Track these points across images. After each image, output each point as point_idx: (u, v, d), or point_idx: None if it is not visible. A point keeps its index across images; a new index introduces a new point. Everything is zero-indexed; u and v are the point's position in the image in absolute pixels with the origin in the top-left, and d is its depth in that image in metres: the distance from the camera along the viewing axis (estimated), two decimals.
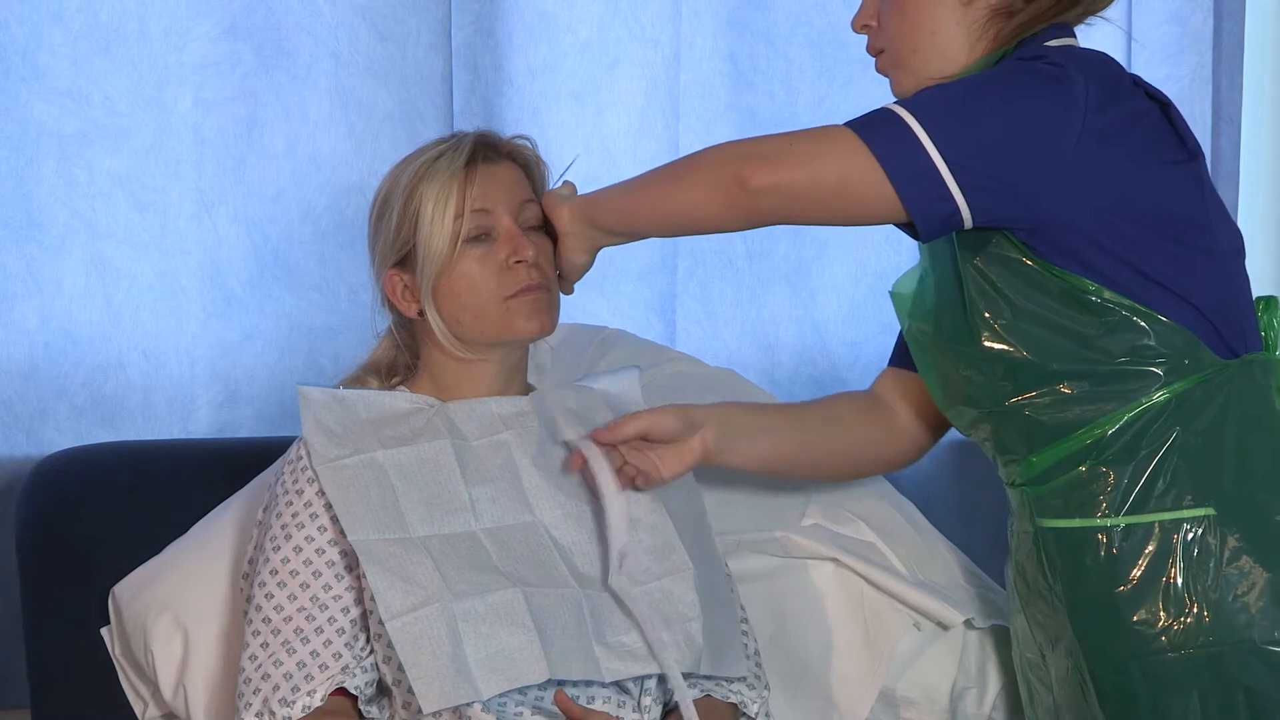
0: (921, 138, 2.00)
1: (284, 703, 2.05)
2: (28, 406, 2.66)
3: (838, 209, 2.06)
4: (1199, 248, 2.09)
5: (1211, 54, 3.13)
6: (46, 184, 2.63)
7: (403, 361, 2.28)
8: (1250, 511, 2.07)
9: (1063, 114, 2.01)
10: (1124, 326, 2.06)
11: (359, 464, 2.12)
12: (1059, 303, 2.07)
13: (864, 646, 2.38)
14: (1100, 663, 2.11)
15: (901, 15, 2.15)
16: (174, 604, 2.30)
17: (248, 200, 2.71)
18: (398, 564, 2.05)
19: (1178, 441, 2.07)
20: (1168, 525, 2.07)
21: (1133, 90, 2.09)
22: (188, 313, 2.70)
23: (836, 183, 2.03)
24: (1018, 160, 2.02)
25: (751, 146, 2.08)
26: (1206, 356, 2.08)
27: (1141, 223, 2.06)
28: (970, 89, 2.05)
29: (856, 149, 2.02)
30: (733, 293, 2.97)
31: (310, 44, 2.72)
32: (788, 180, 2.04)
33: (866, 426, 2.34)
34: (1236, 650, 2.05)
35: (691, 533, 2.23)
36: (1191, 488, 2.07)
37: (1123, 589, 2.08)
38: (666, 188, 2.13)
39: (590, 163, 2.86)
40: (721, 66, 2.93)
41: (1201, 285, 2.09)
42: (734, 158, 2.06)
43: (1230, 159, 3.14)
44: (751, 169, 2.04)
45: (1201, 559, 2.06)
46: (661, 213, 2.15)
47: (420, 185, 2.16)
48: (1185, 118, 3.09)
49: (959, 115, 2.02)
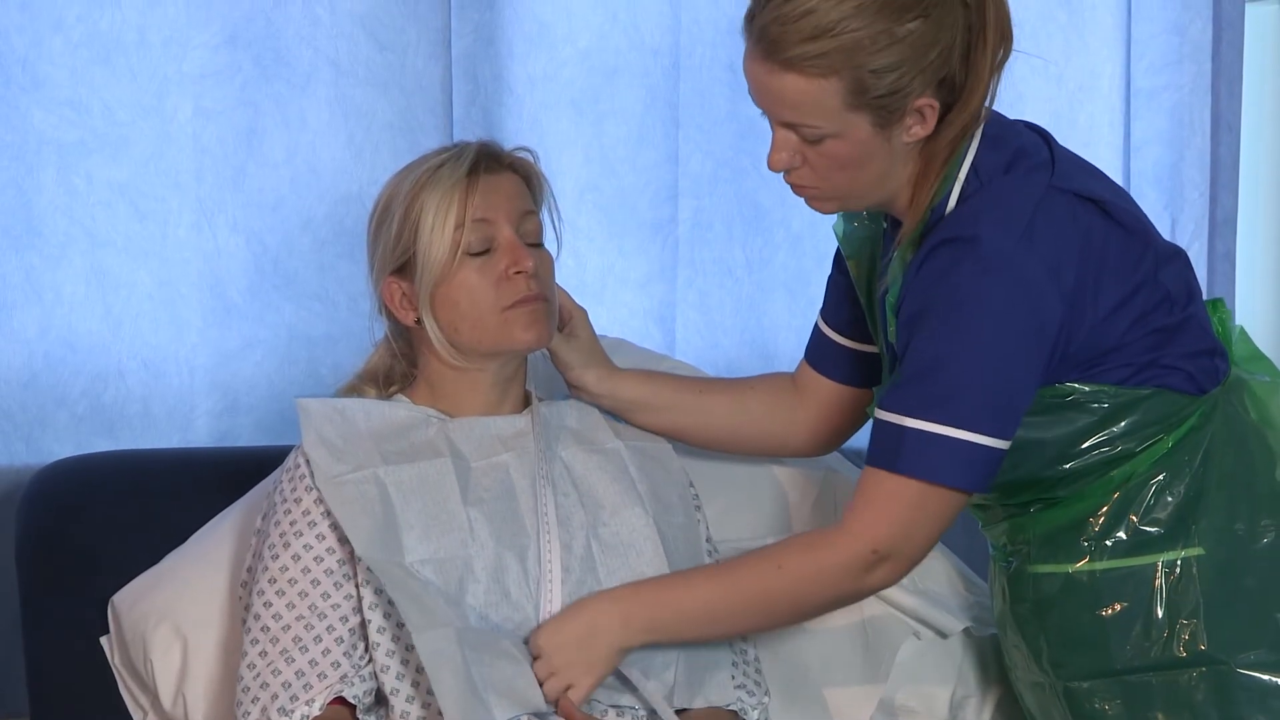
0: (953, 434, 2.00)
1: (283, 712, 2.05)
2: (27, 415, 2.65)
3: (938, 531, 2.07)
4: (1170, 315, 2.09)
5: (1211, 63, 3.13)
6: (46, 193, 2.63)
7: (399, 370, 2.28)
8: (1230, 540, 2.10)
9: (1040, 320, 2.00)
10: (1113, 411, 2.09)
11: (361, 479, 2.12)
12: (1043, 415, 2.08)
13: (863, 655, 2.38)
14: (1076, 683, 2.14)
15: (834, 162, 2.04)
16: (173, 613, 2.30)
17: (247, 209, 2.71)
18: (407, 587, 2.05)
19: (1163, 493, 2.11)
20: (1151, 565, 2.10)
21: (1067, 210, 2.04)
22: (187, 322, 2.70)
23: (928, 536, 2.06)
24: (1030, 377, 2.02)
25: (840, 560, 2.06)
26: (1185, 408, 2.10)
27: (1119, 330, 2.07)
28: (951, 363, 2.00)
29: (923, 494, 2.02)
30: (732, 302, 2.97)
31: (310, 53, 2.72)
32: (902, 572, 2.08)
33: (770, 420, 2.37)
34: (1213, 673, 2.07)
35: (684, 556, 2.24)
36: (1175, 530, 2.10)
37: (1102, 613, 2.11)
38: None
39: (590, 171, 2.86)
40: (721, 75, 2.93)
41: (1174, 345, 2.10)
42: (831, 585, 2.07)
43: (1229, 168, 3.14)
44: (869, 585, 2.07)
45: (1182, 586, 2.08)
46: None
47: (422, 193, 2.16)
48: (1184, 125, 3.12)
49: (960, 393, 2.00)
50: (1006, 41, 2.02)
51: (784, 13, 1.96)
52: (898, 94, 1.97)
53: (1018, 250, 1.99)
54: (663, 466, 2.32)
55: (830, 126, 2.00)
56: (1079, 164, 2.11)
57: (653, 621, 2.09)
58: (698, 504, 2.34)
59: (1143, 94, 3.10)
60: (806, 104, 1.99)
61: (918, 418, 1.99)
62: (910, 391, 2.01)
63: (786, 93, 1.99)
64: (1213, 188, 3.14)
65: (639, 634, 2.09)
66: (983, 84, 2.01)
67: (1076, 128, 3.07)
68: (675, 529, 2.24)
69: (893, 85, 1.97)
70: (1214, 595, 2.08)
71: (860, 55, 1.95)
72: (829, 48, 1.95)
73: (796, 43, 1.96)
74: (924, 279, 2.03)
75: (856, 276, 2.25)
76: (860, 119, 1.99)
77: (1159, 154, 3.12)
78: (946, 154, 2.05)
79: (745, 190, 2.96)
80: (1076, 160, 2.12)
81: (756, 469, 2.50)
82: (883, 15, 1.95)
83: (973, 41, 1.99)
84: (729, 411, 2.37)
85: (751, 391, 2.38)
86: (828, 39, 1.95)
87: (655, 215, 2.91)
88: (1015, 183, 2.04)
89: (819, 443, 2.40)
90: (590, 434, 2.29)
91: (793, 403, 2.37)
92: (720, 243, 2.96)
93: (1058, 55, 3.06)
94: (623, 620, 2.07)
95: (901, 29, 1.95)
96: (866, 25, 1.95)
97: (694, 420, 2.35)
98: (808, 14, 1.95)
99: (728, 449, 2.42)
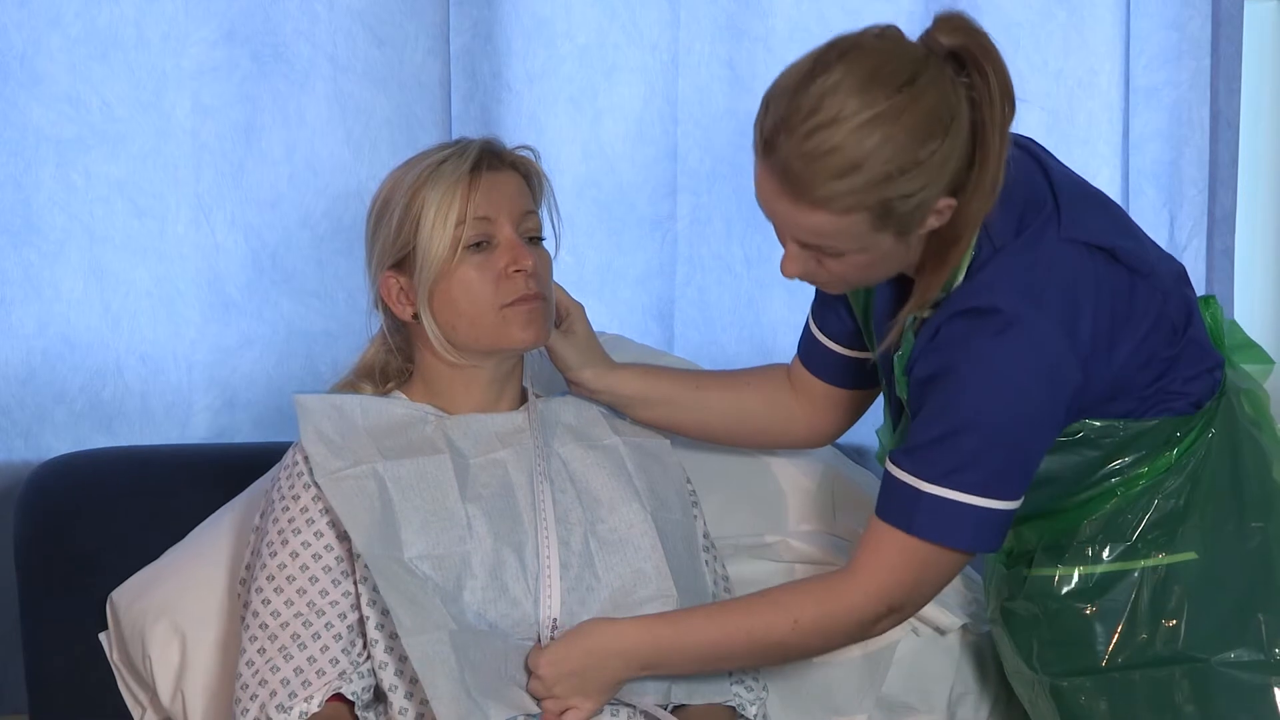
0: (970, 500, 2.01)
1: (281, 709, 2.05)
2: (25, 412, 2.65)
3: (945, 584, 2.11)
4: (1173, 346, 2.09)
5: (1210, 59, 3.13)
6: (44, 189, 2.63)
7: (395, 365, 2.28)
8: (1219, 541, 2.11)
9: (1058, 386, 2.00)
10: (1123, 443, 2.09)
11: (360, 475, 2.12)
12: (1054, 454, 2.07)
13: (861, 652, 2.38)
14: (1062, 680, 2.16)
15: (852, 267, 2.00)
16: (172, 609, 2.30)
17: (245, 205, 2.71)
18: (403, 585, 2.05)
19: (1158, 500, 2.12)
20: (1141, 568, 2.12)
21: (1079, 266, 2.02)
22: (185, 318, 2.70)
23: (936, 590, 2.09)
24: (1046, 441, 2.03)
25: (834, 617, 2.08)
26: (1187, 424, 2.11)
27: (1130, 372, 2.06)
28: (970, 432, 1.99)
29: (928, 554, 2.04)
30: (731, 298, 2.97)
31: (308, 49, 2.72)
32: (903, 620, 2.12)
33: (767, 415, 2.37)
34: (1194, 671, 2.09)
35: (682, 553, 2.24)
36: (1168, 534, 2.11)
37: (1089, 611, 2.12)
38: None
39: (588, 167, 2.86)
40: (720, 72, 2.92)
41: (1176, 372, 2.10)
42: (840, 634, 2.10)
43: (1228, 164, 3.13)
44: (873, 633, 2.10)
45: (1167, 585, 2.10)
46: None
47: (424, 189, 2.16)
48: (1183, 122, 3.12)
49: (978, 462, 2.00)
50: (1011, 104, 1.95)
51: (808, 149, 1.89)
52: (920, 208, 1.93)
53: (1037, 320, 1.97)
54: (660, 463, 2.32)
55: (853, 247, 1.97)
56: (1079, 194, 2.09)
57: (655, 660, 2.10)
58: (694, 500, 2.34)
59: (1141, 91, 3.10)
60: (832, 234, 1.95)
61: (935, 484, 2.00)
62: (927, 457, 2.01)
63: (812, 226, 1.95)
64: (1211, 184, 3.13)
65: (640, 670, 2.10)
66: (994, 162, 1.95)
67: (1075, 124, 3.07)
68: (673, 525, 2.24)
69: (917, 203, 1.92)
70: (1199, 595, 2.09)
71: (888, 187, 1.90)
72: (857, 184, 1.89)
73: (823, 181, 1.90)
74: (940, 346, 2.01)
75: (852, 293, 2.24)
76: (884, 236, 1.96)
77: (1158, 151, 3.12)
78: (969, 237, 2.01)
79: (744, 186, 2.92)
80: (1075, 188, 2.09)
81: (755, 464, 2.50)
82: (908, 144, 1.89)
83: (980, 121, 1.94)
84: (726, 406, 2.37)
85: (748, 387, 2.38)
86: (855, 175, 1.89)
87: (654, 211, 2.90)
88: (1028, 246, 2.01)
89: (816, 436, 2.40)
90: (588, 430, 2.29)
91: (789, 398, 2.37)
92: (719, 239, 2.95)
93: (1057, 52, 3.06)
94: (626, 659, 2.08)
95: (925, 153, 1.90)
96: (893, 157, 1.89)
97: (691, 415, 2.36)
98: (833, 150, 1.89)
99: (725, 442, 2.43)
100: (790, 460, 2.52)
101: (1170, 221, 3.13)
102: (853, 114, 1.88)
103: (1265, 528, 2.11)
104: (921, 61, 1.91)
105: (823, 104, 1.89)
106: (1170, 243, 3.11)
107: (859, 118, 1.88)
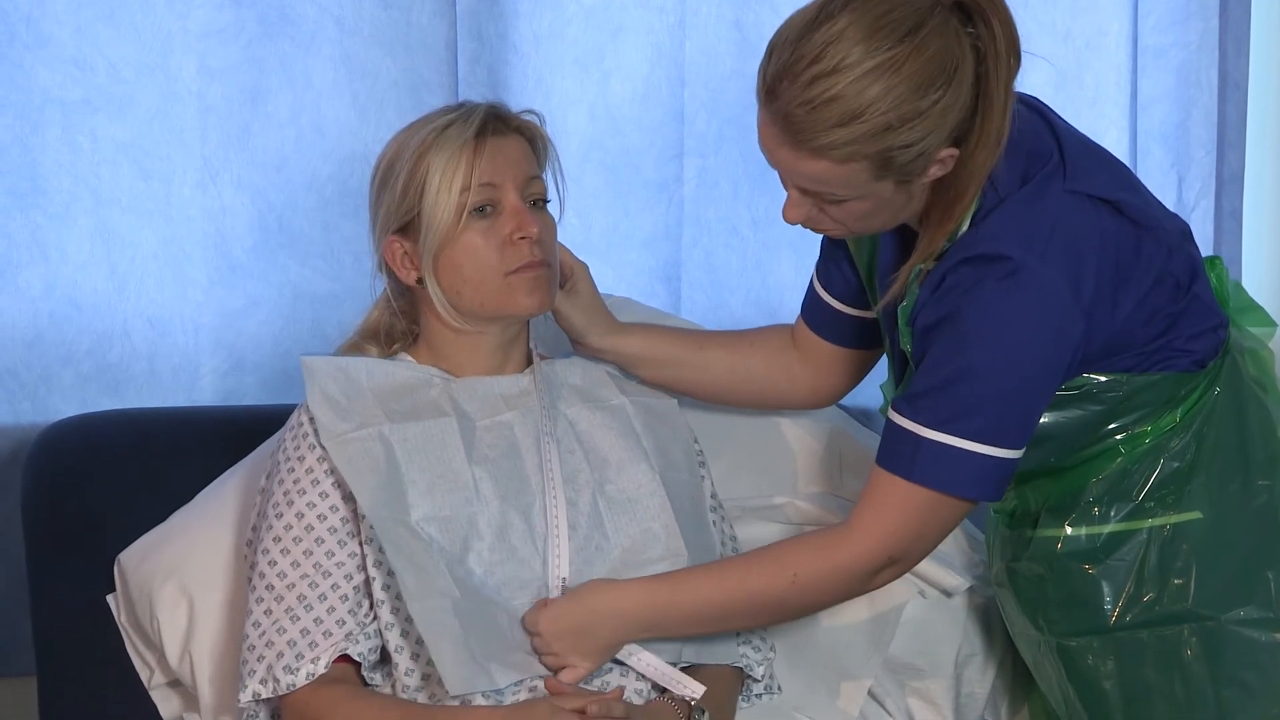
0: (971, 447, 2.01)
1: (288, 670, 2.06)
2: (32, 374, 2.66)
3: (946, 535, 2.11)
4: (1177, 302, 2.09)
5: (1218, 20, 3.11)
6: (51, 151, 2.63)
7: (400, 327, 2.28)
8: (1225, 501, 2.11)
9: (1062, 336, 2.00)
10: (1125, 397, 2.09)
11: (366, 437, 2.12)
12: (1057, 409, 2.08)
13: (868, 614, 2.38)
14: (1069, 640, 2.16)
15: (854, 214, 2.02)
16: (179, 571, 2.31)
17: (252, 168, 2.71)
18: (409, 549, 2.05)
19: (1163, 460, 2.12)
20: (1147, 527, 2.12)
21: (1084, 218, 2.02)
22: (192, 280, 2.70)
23: (937, 540, 2.09)
24: (1048, 390, 2.04)
25: (833, 561, 2.08)
26: (1191, 382, 2.11)
27: (1133, 327, 2.07)
28: (971, 378, 2.00)
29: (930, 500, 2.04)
30: (738, 260, 2.97)
31: (314, 11, 2.71)
32: (904, 573, 2.12)
33: (770, 376, 2.38)
34: (1202, 629, 2.09)
35: (690, 513, 2.24)
36: (1174, 494, 2.12)
37: (1096, 571, 2.12)
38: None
39: (595, 129, 2.85)
40: (727, 34, 2.91)
41: (1180, 328, 2.10)
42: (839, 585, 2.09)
43: (1236, 126, 3.12)
44: (874, 585, 2.09)
45: (1174, 545, 2.10)
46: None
47: (428, 154, 2.15)
48: (1192, 83, 3.10)
49: (980, 408, 2.00)
50: (1017, 56, 1.95)
51: (808, 97, 1.90)
52: (922, 157, 1.94)
53: (1041, 268, 1.97)
54: (668, 423, 2.32)
55: (854, 194, 1.97)
56: (1084, 150, 2.09)
57: (655, 621, 2.10)
58: (702, 460, 2.34)
59: (1150, 51, 3.09)
60: (832, 181, 1.96)
61: (936, 430, 2.00)
62: (929, 403, 2.01)
63: (813, 174, 1.96)
64: (1220, 145, 3.12)
65: (640, 631, 2.10)
66: (999, 114, 1.95)
67: (1083, 86, 3.06)
68: (681, 485, 2.25)
69: (918, 153, 1.93)
70: (1206, 553, 2.09)
71: (889, 136, 1.90)
72: (857, 133, 1.90)
73: (824, 130, 1.90)
74: (945, 294, 2.02)
75: (855, 249, 2.24)
76: (885, 184, 1.96)
77: (1166, 112, 3.11)
78: (974, 189, 2.01)
79: (751, 149, 2.91)
80: (1081, 145, 2.09)
81: (762, 425, 2.50)
82: (909, 94, 1.89)
83: (984, 73, 1.93)
84: (729, 367, 2.37)
85: (751, 347, 2.38)
86: (856, 124, 1.89)
87: (661, 174, 2.90)
88: (1033, 195, 2.01)
89: (820, 397, 2.40)
90: (595, 391, 2.29)
91: (791, 358, 2.37)
92: (726, 201, 2.95)
93: (1065, 12, 3.04)
94: (625, 619, 2.09)
95: (926, 103, 1.90)
96: (894, 107, 1.89)
97: (695, 375, 2.36)
98: (834, 100, 1.89)
99: (729, 403, 2.43)
100: (797, 422, 2.52)
101: (1178, 182, 3.12)
102: (855, 63, 1.88)
103: (1271, 486, 2.11)
104: (927, 11, 1.90)
105: (825, 52, 1.89)
106: (1178, 204, 3.10)
107: (861, 67, 1.88)
